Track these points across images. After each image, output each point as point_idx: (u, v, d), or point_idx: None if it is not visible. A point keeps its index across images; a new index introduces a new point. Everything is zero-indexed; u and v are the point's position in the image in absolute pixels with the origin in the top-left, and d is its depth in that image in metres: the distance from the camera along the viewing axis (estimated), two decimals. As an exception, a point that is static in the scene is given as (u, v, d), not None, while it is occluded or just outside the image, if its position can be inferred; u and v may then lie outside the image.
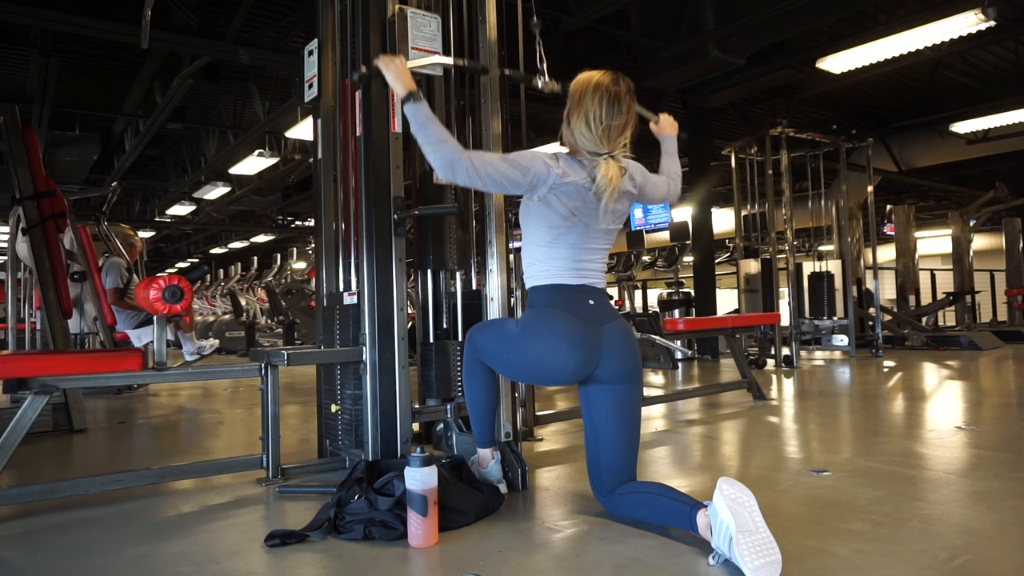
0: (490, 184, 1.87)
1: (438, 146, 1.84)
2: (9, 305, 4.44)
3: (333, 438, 2.69)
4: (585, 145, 1.95)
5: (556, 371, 1.92)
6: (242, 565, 1.69)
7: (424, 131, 1.86)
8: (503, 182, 1.87)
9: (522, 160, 1.88)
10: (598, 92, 1.92)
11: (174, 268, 23.84)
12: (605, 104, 1.91)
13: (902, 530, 1.82)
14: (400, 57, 2.02)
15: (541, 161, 1.90)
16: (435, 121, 1.87)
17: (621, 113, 1.93)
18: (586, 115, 1.92)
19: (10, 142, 4.11)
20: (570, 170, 1.91)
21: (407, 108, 1.90)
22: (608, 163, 1.91)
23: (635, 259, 9.44)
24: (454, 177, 1.85)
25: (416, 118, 1.88)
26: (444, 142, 1.84)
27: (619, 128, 1.94)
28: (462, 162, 1.83)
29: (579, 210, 1.93)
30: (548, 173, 1.89)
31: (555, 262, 1.96)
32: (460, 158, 1.83)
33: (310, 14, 3.84)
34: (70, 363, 2.28)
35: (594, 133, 1.92)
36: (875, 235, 7.99)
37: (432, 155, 1.85)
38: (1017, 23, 6.76)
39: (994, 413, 3.61)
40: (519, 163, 1.88)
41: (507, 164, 1.87)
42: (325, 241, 2.84)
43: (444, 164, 1.84)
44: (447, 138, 1.86)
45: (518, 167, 1.87)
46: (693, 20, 6.17)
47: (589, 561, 1.66)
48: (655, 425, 3.53)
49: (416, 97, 1.90)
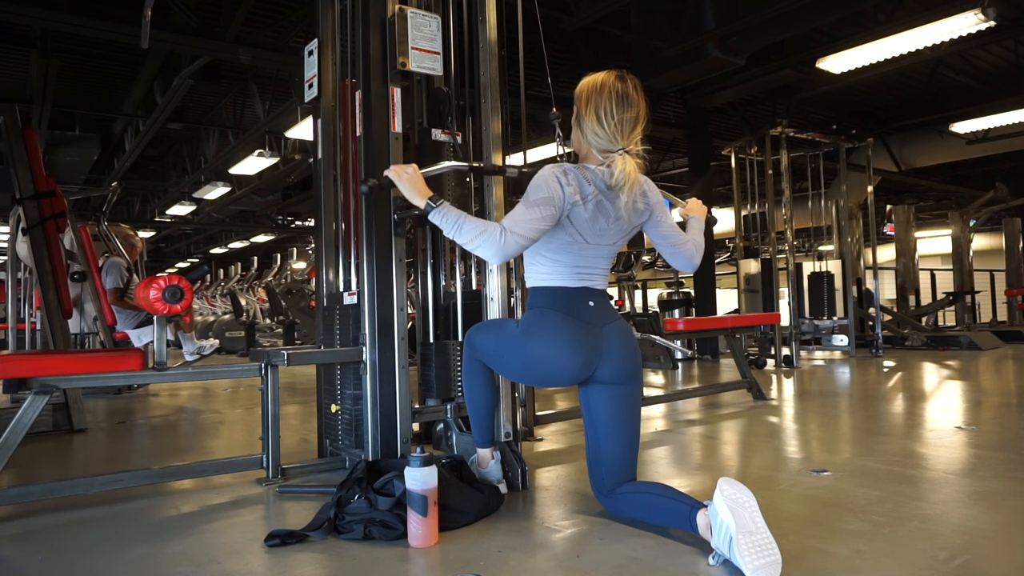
0: (538, 235, 1.85)
1: (481, 238, 1.82)
2: (9, 305, 4.44)
3: (333, 438, 2.69)
4: (599, 144, 1.93)
5: (556, 373, 1.92)
6: (242, 565, 1.69)
7: (461, 232, 1.84)
8: (544, 227, 1.85)
9: (543, 194, 1.85)
10: (605, 89, 1.92)
11: (174, 268, 23.84)
12: (615, 99, 1.90)
13: (902, 530, 1.82)
14: (412, 166, 2.00)
15: (556, 185, 1.86)
16: (464, 216, 1.85)
17: (631, 107, 1.91)
18: (597, 113, 1.91)
19: (10, 142, 4.11)
20: (579, 188, 1.89)
21: (433, 216, 1.88)
22: (624, 158, 1.89)
23: (635, 259, 9.43)
24: (508, 257, 1.84)
25: (447, 222, 1.86)
26: (483, 233, 1.82)
27: (631, 121, 1.92)
28: (508, 243, 1.80)
29: (589, 230, 1.92)
30: (564, 194, 1.86)
31: (557, 266, 1.96)
32: (503, 241, 1.80)
33: (310, 14, 3.84)
34: (70, 363, 2.28)
35: (607, 129, 1.90)
36: (875, 235, 7.99)
37: (480, 250, 1.83)
38: (1017, 23, 6.76)
39: (994, 413, 3.61)
40: (544, 201, 1.84)
41: (537, 210, 1.83)
42: (325, 241, 2.84)
43: (495, 254, 1.82)
44: (484, 227, 1.83)
45: (547, 205, 1.83)
46: (693, 20, 6.17)
47: (589, 561, 1.66)
48: (655, 425, 3.53)
49: (436, 202, 1.89)
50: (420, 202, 1.92)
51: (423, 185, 1.96)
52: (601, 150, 1.93)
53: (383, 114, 2.48)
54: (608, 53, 7.08)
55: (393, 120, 2.49)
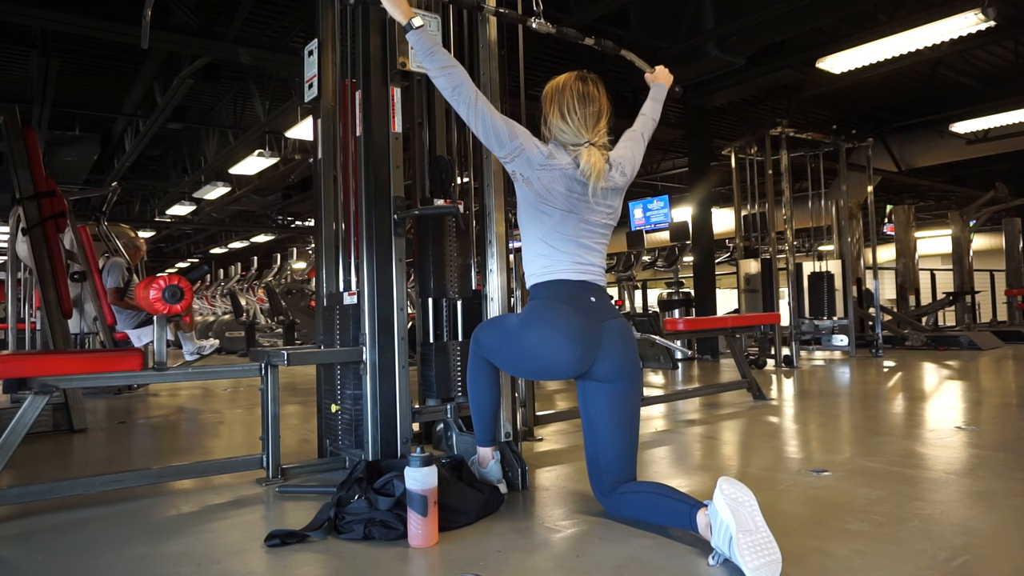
0: (480, 124, 1.94)
1: (448, 70, 1.92)
2: (9, 305, 4.44)
3: (333, 438, 2.69)
4: (565, 139, 2.01)
5: (554, 363, 1.93)
6: (242, 565, 1.69)
7: (432, 57, 1.93)
8: (490, 131, 1.94)
9: (517, 127, 1.97)
10: (567, 88, 2.01)
11: (174, 268, 23.84)
12: (576, 96, 1.99)
13: (902, 530, 1.82)
14: None
15: (532, 140, 1.97)
16: (441, 48, 1.95)
17: (593, 102, 2.00)
18: (560, 109, 2.00)
19: (10, 142, 4.11)
20: (557, 153, 1.97)
21: (410, 36, 1.96)
22: (590, 151, 1.96)
23: (635, 259, 9.43)
24: (457, 102, 1.93)
25: (421, 45, 1.94)
26: (454, 67, 1.93)
27: (594, 115, 2.00)
28: (468, 90, 1.92)
29: (563, 196, 1.96)
30: (534, 150, 1.95)
31: (556, 259, 1.97)
32: (468, 85, 1.92)
33: (310, 14, 3.84)
34: (70, 363, 2.27)
35: (571, 124, 1.99)
36: (875, 235, 7.99)
37: (440, 79, 1.93)
38: (1017, 23, 6.76)
39: (994, 413, 3.61)
40: (514, 127, 1.96)
41: (502, 120, 1.95)
42: (325, 241, 2.84)
43: (452, 87, 1.92)
44: (456, 64, 1.94)
45: (511, 128, 1.95)
46: (693, 20, 6.17)
47: (589, 561, 1.66)
48: (655, 425, 3.53)
49: (417, 24, 1.96)
50: (401, 18, 1.98)
51: (405, 4, 2.01)
52: (568, 145, 2.00)
53: (383, 114, 2.48)
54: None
55: (393, 120, 2.49)
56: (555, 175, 1.95)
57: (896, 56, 6.38)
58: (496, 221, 2.56)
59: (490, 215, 2.59)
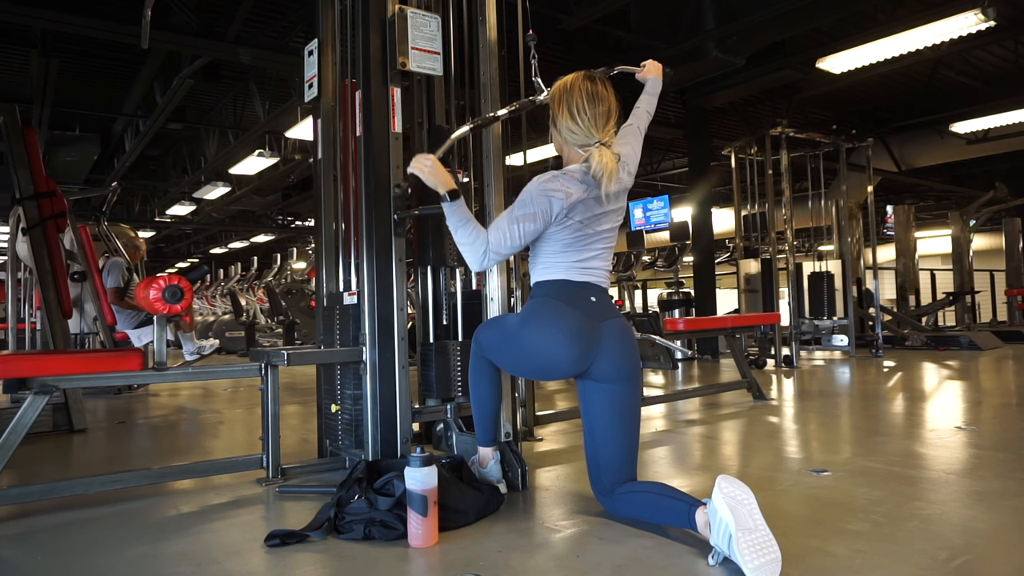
0: (517, 249, 1.96)
1: (468, 248, 1.95)
2: (9, 305, 4.44)
3: (333, 438, 2.69)
4: (576, 140, 2.00)
5: (554, 362, 1.93)
6: (242, 565, 1.69)
7: (457, 232, 1.96)
8: (524, 242, 1.95)
9: (528, 210, 1.92)
10: (575, 89, 2.00)
11: (174, 268, 23.83)
12: (585, 96, 1.98)
13: (902, 530, 1.82)
14: (430, 157, 2.03)
15: (545, 198, 1.91)
16: (469, 220, 1.96)
17: (602, 102, 2.00)
18: (569, 110, 1.99)
19: (10, 142, 4.11)
20: (571, 188, 1.93)
21: (447, 207, 1.97)
22: (601, 151, 1.95)
23: (635, 259, 9.43)
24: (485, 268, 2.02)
25: (455, 216, 1.96)
26: (472, 244, 1.94)
27: (604, 115, 1.99)
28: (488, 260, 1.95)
29: (588, 221, 1.97)
30: (553, 206, 1.91)
31: (561, 262, 1.98)
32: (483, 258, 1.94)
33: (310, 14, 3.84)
34: (70, 363, 2.27)
35: (581, 125, 1.98)
36: (875, 235, 7.99)
37: (467, 254, 1.96)
38: (1017, 23, 6.77)
39: (994, 413, 3.61)
40: (527, 217, 1.91)
41: (518, 227, 1.92)
42: (325, 241, 2.84)
43: (472, 264, 1.97)
44: (475, 237, 1.94)
45: (529, 222, 1.92)
46: (693, 20, 6.17)
47: (589, 561, 1.66)
48: (655, 425, 3.53)
49: (456, 196, 1.97)
50: (444, 191, 1.98)
51: (447, 175, 2.01)
52: (579, 145, 2.00)
53: (383, 114, 2.48)
54: (608, 53, 7.08)
55: (393, 120, 2.49)
56: (578, 207, 1.94)
57: (896, 56, 6.38)
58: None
59: (490, 215, 2.59)
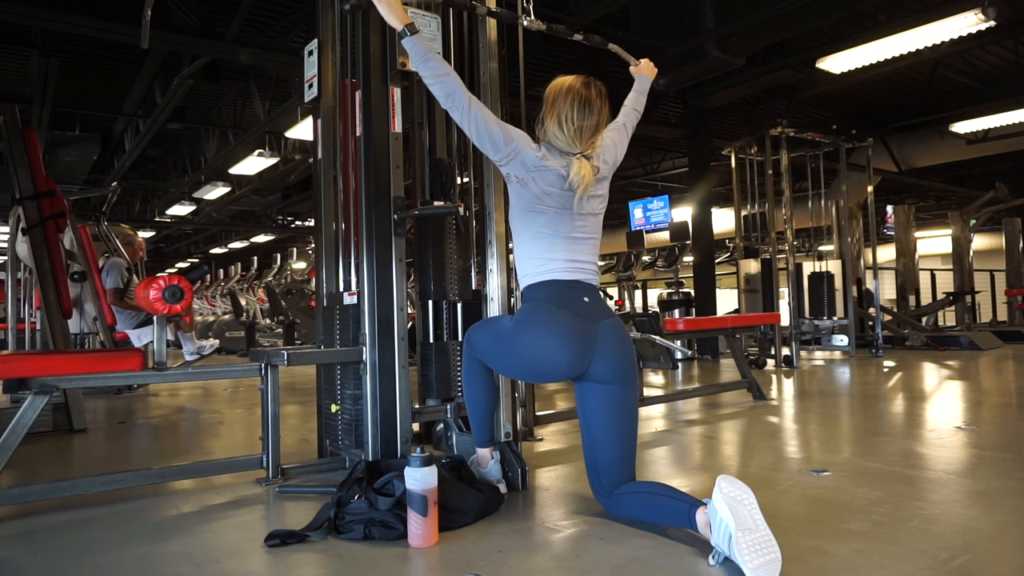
0: (475, 130, 1.94)
1: (442, 78, 1.93)
2: (9, 305, 4.44)
3: (333, 438, 2.69)
4: (559, 145, 2.02)
5: (550, 366, 1.92)
6: (242, 565, 1.69)
7: (427, 64, 1.94)
8: (484, 135, 1.94)
9: (511, 130, 1.97)
10: (570, 95, 1.99)
11: (174, 268, 23.83)
12: (576, 106, 1.98)
13: (902, 530, 1.82)
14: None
15: (526, 141, 1.98)
16: (436, 55, 1.96)
17: (592, 115, 1.99)
18: (558, 117, 1.99)
19: (10, 142, 4.11)
20: (550, 155, 1.98)
21: (406, 42, 1.96)
22: (581, 162, 1.97)
23: (635, 259, 9.43)
24: (451, 107, 1.94)
25: (416, 51, 1.95)
26: (448, 75, 1.94)
27: (591, 129, 2.00)
28: (462, 97, 1.93)
29: (558, 195, 1.98)
30: (528, 152, 1.95)
31: (548, 259, 1.98)
32: (461, 92, 1.93)
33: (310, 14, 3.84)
34: (70, 363, 2.27)
35: (566, 134, 1.99)
36: (875, 235, 7.99)
37: (435, 86, 1.94)
38: (1017, 23, 6.76)
39: (994, 413, 3.61)
40: (508, 130, 1.96)
41: (497, 124, 1.96)
42: (325, 241, 2.84)
43: (445, 94, 1.94)
44: (450, 71, 1.94)
45: (505, 131, 1.95)
46: (693, 20, 6.17)
47: (589, 561, 1.66)
48: (655, 425, 3.53)
49: (413, 30, 1.96)
50: (397, 24, 1.98)
51: (402, 10, 2.00)
52: (560, 151, 2.01)
53: (383, 114, 2.48)
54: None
55: (393, 120, 2.49)
56: (550, 176, 1.96)
57: (896, 56, 6.38)
58: (496, 221, 2.56)
59: (490, 215, 2.59)
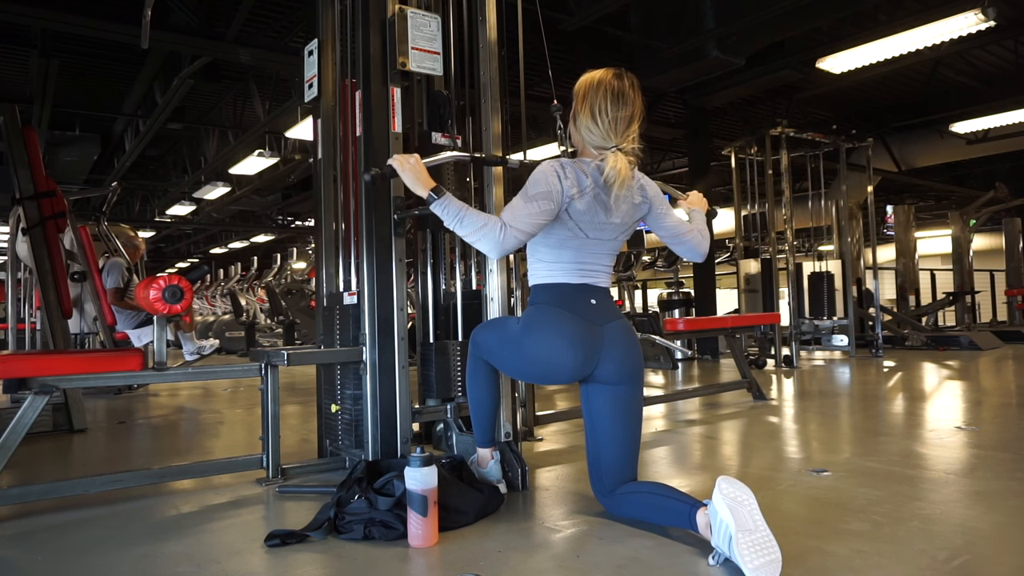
0: (536, 229, 1.86)
1: (481, 232, 1.82)
2: (9, 305, 4.44)
3: (333, 438, 2.69)
4: (593, 140, 1.94)
5: (555, 369, 1.92)
6: (242, 565, 1.69)
7: (462, 224, 1.84)
8: (542, 221, 1.86)
9: (541, 188, 1.86)
10: (602, 87, 1.93)
11: (174, 268, 23.83)
12: (610, 97, 1.91)
13: (902, 530, 1.82)
14: (415, 156, 1.98)
15: (554, 177, 1.87)
16: (466, 209, 1.85)
17: (626, 105, 1.92)
18: (591, 109, 1.92)
19: (10, 142, 4.11)
20: (577, 181, 1.89)
21: (435, 207, 1.87)
22: (616, 155, 1.90)
23: (635, 259, 9.43)
24: (507, 252, 1.86)
25: (448, 213, 1.85)
26: (484, 227, 1.82)
27: (626, 120, 1.93)
28: (508, 229, 1.82)
29: (588, 224, 1.92)
30: (562, 188, 1.87)
31: (559, 263, 1.96)
32: (502, 226, 1.82)
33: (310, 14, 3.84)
34: (70, 363, 2.27)
35: (600, 127, 1.92)
36: (875, 235, 7.99)
37: (479, 244, 1.84)
38: (1017, 23, 6.76)
39: (994, 413, 3.61)
40: (542, 195, 1.85)
41: (535, 204, 1.84)
42: (325, 241, 2.84)
43: (493, 248, 1.84)
44: (484, 221, 1.83)
45: (545, 199, 1.85)
46: (693, 20, 6.17)
47: (589, 561, 1.66)
48: (655, 425, 3.53)
49: (440, 193, 1.88)
50: (423, 192, 1.90)
51: (426, 175, 1.94)
52: (595, 147, 1.95)
53: (383, 114, 2.48)
54: (608, 53, 7.08)
55: (393, 120, 2.49)
56: (579, 207, 1.89)
57: (896, 56, 6.38)
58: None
59: (490, 213, 2.58)
